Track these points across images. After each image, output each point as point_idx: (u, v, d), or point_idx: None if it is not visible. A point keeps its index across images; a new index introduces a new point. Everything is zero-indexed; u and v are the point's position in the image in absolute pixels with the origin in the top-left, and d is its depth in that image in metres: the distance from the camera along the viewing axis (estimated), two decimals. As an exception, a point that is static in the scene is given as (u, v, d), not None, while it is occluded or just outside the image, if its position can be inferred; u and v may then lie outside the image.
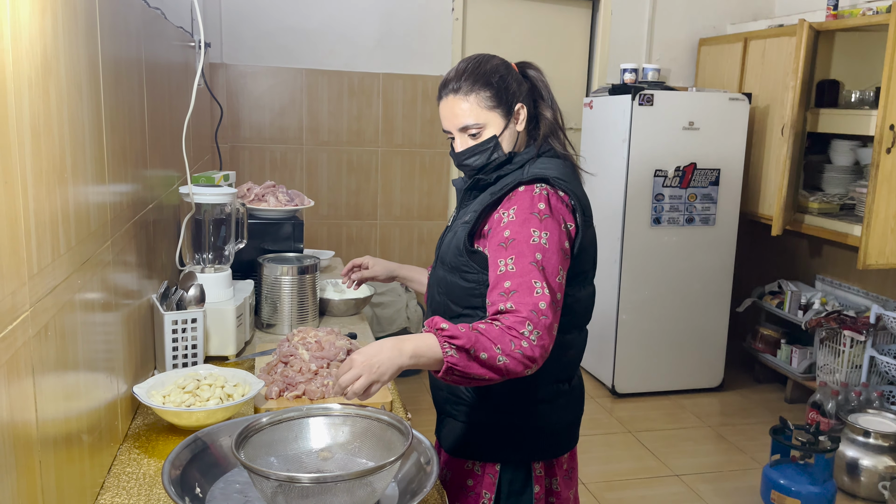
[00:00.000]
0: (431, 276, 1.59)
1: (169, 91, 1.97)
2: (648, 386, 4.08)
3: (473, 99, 1.42)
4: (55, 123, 0.99)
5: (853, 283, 3.97)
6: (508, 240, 1.34)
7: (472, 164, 1.45)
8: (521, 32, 4.44)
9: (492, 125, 1.43)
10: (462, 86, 1.42)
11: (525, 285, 1.28)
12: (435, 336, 1.22)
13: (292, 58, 4.10)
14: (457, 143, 1.46)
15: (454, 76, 1.44)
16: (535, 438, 1.49)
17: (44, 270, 0.94)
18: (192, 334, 1.67)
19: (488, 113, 1.42)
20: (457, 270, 1.45)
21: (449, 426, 1.55)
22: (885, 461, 2.96)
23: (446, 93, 1.44)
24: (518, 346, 1.23)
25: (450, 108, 1.44)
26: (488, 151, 1.44)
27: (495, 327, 1.25)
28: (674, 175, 3.87)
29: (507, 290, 1.29)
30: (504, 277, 1.31)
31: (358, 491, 1.05)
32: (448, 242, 1.50)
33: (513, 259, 1.31)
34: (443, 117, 1.47)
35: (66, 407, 1.05)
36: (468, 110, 1.42)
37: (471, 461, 1.51)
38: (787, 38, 3.85)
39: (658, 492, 3.09)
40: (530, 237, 1.32)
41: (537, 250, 1.31)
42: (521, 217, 1.34)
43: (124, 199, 1.42)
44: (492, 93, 1.42)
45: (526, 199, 1.36)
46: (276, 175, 4.16)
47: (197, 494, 1.12)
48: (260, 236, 2.28)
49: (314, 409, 1.25)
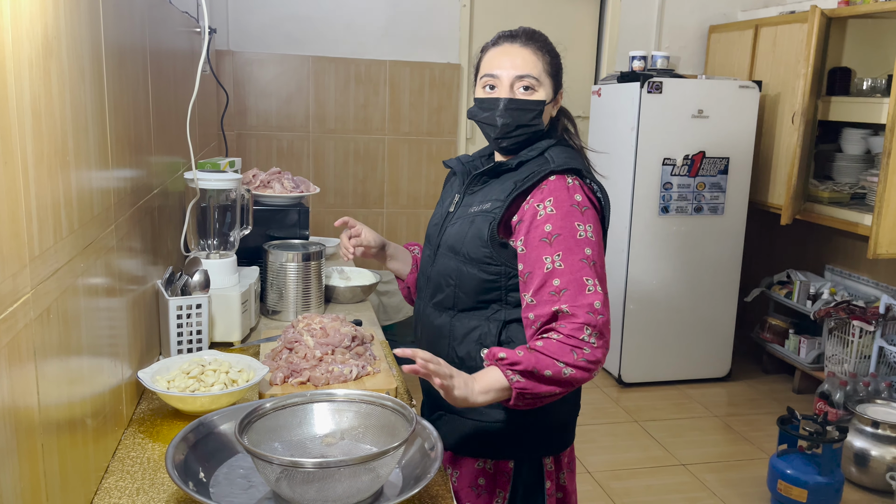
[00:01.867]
0: (429, 265, 1.52)
1: (174, 77, 1.96)
2: (655, 375, 4.07)
3: (541, 57, 1.40)
4: (56, 106, 0.98)
5: (863, 273, 3.93)
6: (552, 234, 1.30)
7: (519, 118, 1.38)
8: (530, 19, 4.41)
9: (544, 90, 1.40)
10: (533, 43, 1.40)
11: (576, 283, 1.26)
12: (496, 367, 1.22)
13: (299, 45, 4.08)
14: (502, 90, 1.39)
15: (523, 33, 1.42)
16: (547, 433, 1.47)
17: (45, 253, 0.93)
18: (197, 320, 1.67)
19: (546, 77, 1.40)
20: (476, 262, 1.39)
21: (453, 424, 1.47)
22: (893, 452, 2.94)
23: (513, 41, 1.40)
24: (581, 354, 1.23)
25: (515, 53, 1.39)
26: (534, 112, 1.39)
27: (553, 341, 1.24)
28: (682, 163, 3.84)
29: (558, 290, 1.27)
30: (552, 275, 1.28)
31: (362, 476, 1.05)
32: (461, 231, 1.42)
33: (560, 255, 1.28)
34: (499, 57, 1.40)
35: (70, 391, 1.04)
36: (534, 63, 1.38)
37: (482, 459, 1.46)
38: (799, 25, 3.81)
39: (664, 481, 3.09)
40: (576, 231, 1.30)
41: (586, 245, 1.30)
42: (563, 210, 1.31)
43: (128, 184, 1.41)
44: (554, 62, 1.42)
45: (562, 191, 1.33)
46: (283, 163, 4.15)
47: (201, 479, 1.12)
48: (265, 223, 2.27)
49: (318, 395, 1.24)
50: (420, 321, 1.56)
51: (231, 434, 1.22)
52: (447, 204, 1.53)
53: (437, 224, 1.52)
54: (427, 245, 1.55)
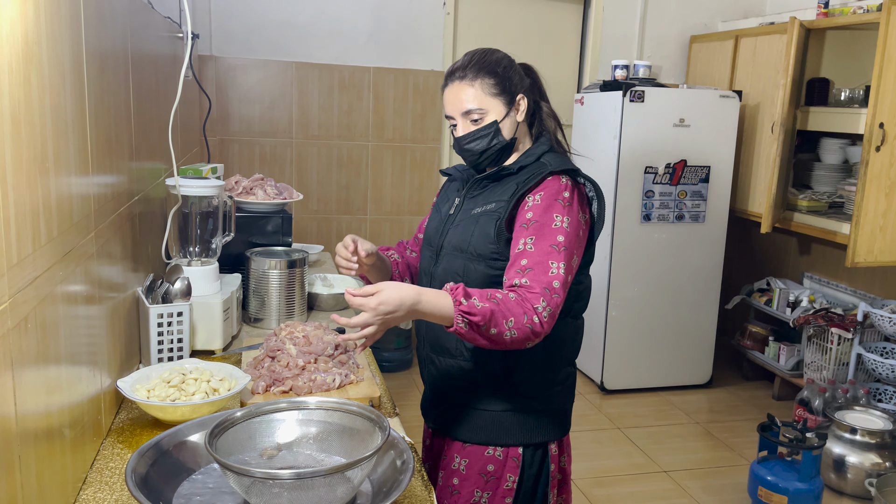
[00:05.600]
0: (431, 265, 1.58)
1: (156, 82, 1.94)
2: (637, 382, 4.08)
3: (478, 85, 1.47)
4: (36, 112, 0.97)
5: (841, 280, 3.98)
6: (531, 221, 1.41)
7: (474, 148, 1.50)
8: (513, 28, 4.43)
9: (493, 111, 1.49)
10: (468, 73, 1.48)
11: (542, 265, 1.35)
12: (453, 303, 1.28)
13: (283, 51, 4.07)
14: (459, 129, 1.51)
15: (461, 65, 1.50)
16: (552, 419, 1.56)
17: (24, 261, 0.92)
18: (178, 328, 1.65)
19: (491, 100, 1.48)
20: (483, 258, 1.47)
21: (461, 415, 1.55)
22: (871, 458, 2.97)
23: (452, 80, 1.50)
24: (530, 320, 1.30)
25: (455, 94, 1.49)
26: (489, 136, 1.49)
27: (511, 298, 1.31)
28: (664, 172, 3.87)
29: (524, 268, 1.36)
30: (522, 255, 1.38)
31: (338, 487, 1.04)
32: (466, 231, 1.50)
33: (532, 239, 1.39)
34: (447, 103, 1.52)
35: (48, 401, 1.03)
36: (472, 95, 1.47)
37: (492, 447, 1.53)
38: (778, 36, 3.86)
39: (646, 488, 3.10)
40: (552, 221, 1.40)
41: (559, 233, 1.39)
42: (546, 202, 1.41)
43: (109, 191, 1.40)
44: (496, 80, 1.48)
45: (553, 187, 1.43)
46: (266, 169, 4.13)
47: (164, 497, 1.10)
48: (248, 230, 2.26)
49: (288, 403, 1.22)
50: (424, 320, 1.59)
51: (191, 450, 1.20)
52: (447, 208, 1.61)
53: (438, 227, 1.59)
54: (427, 247, 1.62)
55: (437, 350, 1.57)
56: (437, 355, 1.57)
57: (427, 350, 1.61)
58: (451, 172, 1.67)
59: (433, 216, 1.65)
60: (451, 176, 1.68)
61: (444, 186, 1.72)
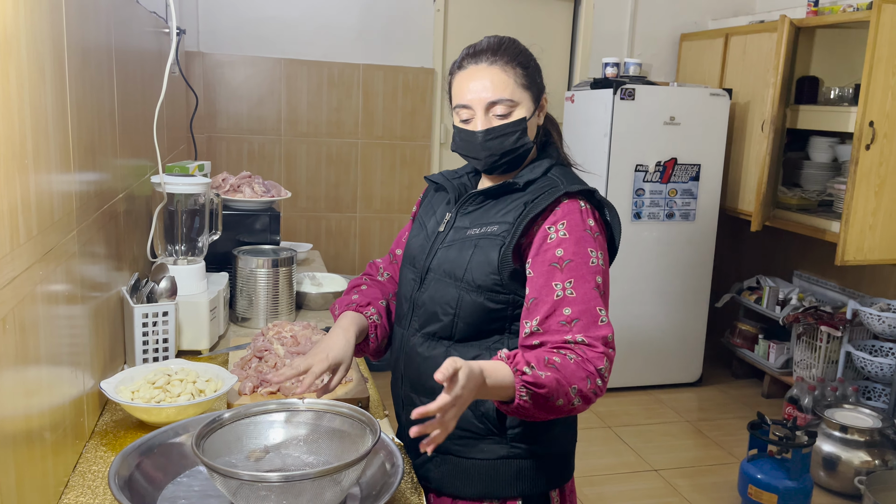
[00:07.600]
0: (413, 290, 1.36)
1: (142, 78, 1.91)
2: (627, 381, 4.08)
3: (512, 73, 1.28)
4: (15, 107, 0.94)
5: (830, 279, 3.99)
6: (563, 260, 1.22)
7: (498, 146, 1.28)
8: (503, 24, 4.41)
9: (523, 106, 1.30)
10: (500, 57, 1.28)
11: (589, 314, 1.20)
12: (512, 376, 1.11)
13: (271, 47, 4.03)
14: (478, 122, 1.29)
15: (489, 47, 1.29)
16: (553, 465, 1.37)
17: (1, 261, 0.89)
18: (164, 328, 1.62)
19: (523, 92, 1.29)
20: (482, 290, 1.27)
21: (451, 466, 1.34)
22: (861, 456, 2.98)
23: (479, 61, 1.29)
24: (594, 384, 1.15)
25: (487, 77, 1.27)
26: (517, 134, 1.29)
27: (570, 360, 1.15)
28: (654, 170, 3.87)
29: (569, 319, 1.19)
30: (563, 303, 1.20)
31: (327, 490, 1.02)
32: (461, 256, 1.29)
33: (571, 283, 1.21)
34: (468, 89, 1.29)
35: (27, 403, 1.00)
36: (505, 83, 1.27)
37: (487, 501, 1.33)
38: (768, 35, 3.86)
39: (636, 486, 3.09)
40: (588, 258, 1.23)
41: (597, 273, 1.23)
42: (576, 235, 1.23)
43: (92, 188, 1.37)
44: (527, 72, 1.30)
45: (575, 214, 1.25)
46: (254, 166, 4.10)
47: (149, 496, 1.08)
48: (235, 228, 2.23)
49: (278, 405, 1.20)
50: (403, 350, 1.39)
51: (177, 452, 1.17)
52: (433, 223, 1.39)
53: (424, 246, 1.37)
54: (409, 268, 1.39)
55: (419, 390, 1.34)
56: (419, 396, 1.34)
57: (406, 390, 1.38)
58: (437, 181, 1.43)
59: (416, 231, 1.42)
60: (438, 185, 1.44)
61: (426, 196, 1.49)
